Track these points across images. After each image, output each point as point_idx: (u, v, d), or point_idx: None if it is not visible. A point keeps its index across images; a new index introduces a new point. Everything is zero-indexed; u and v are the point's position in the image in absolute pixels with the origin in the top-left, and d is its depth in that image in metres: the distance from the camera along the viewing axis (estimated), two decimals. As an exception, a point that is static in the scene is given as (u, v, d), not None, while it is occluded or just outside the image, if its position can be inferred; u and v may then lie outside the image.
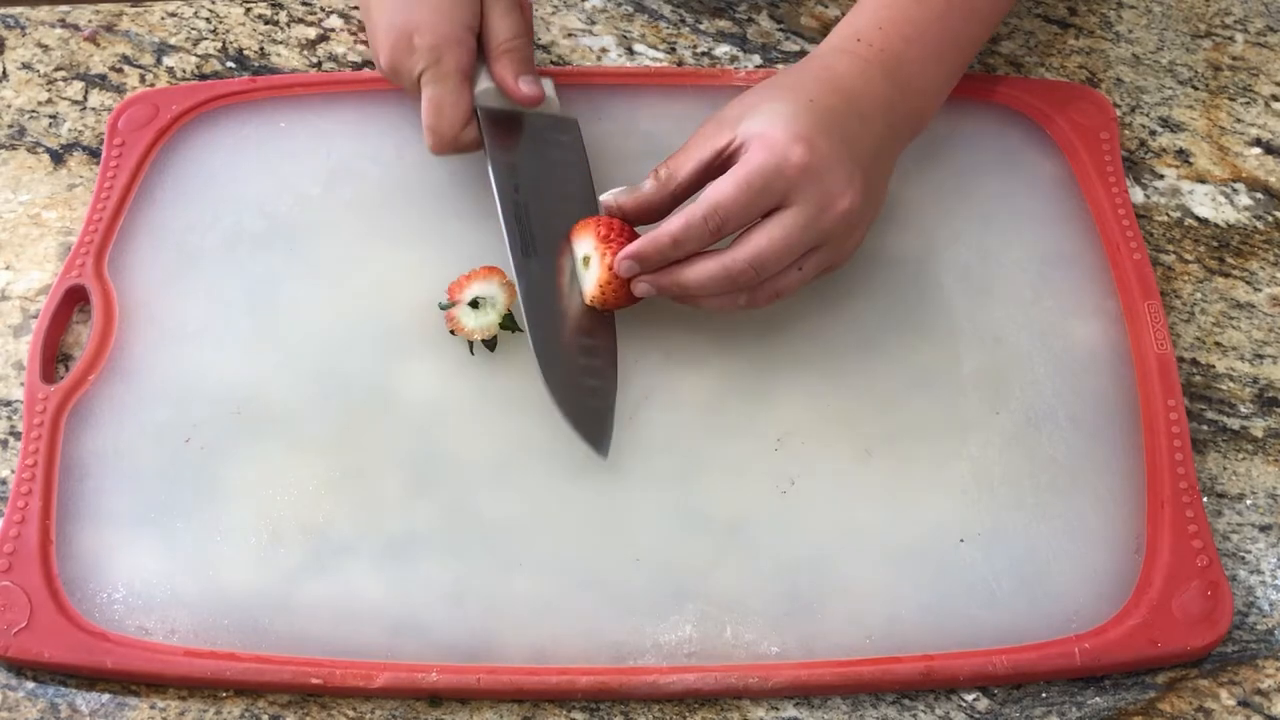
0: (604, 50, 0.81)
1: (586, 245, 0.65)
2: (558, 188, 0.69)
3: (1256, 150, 0.77)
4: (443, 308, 0.68)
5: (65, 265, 0.70)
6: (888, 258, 0.71)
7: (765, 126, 0.63)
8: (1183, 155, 0.77)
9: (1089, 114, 0.76)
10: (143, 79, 0.80)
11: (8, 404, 0.68)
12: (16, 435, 0.67)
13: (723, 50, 0.81)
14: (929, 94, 0.69)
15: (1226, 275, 0.72)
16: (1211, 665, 0.61)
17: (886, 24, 0.68)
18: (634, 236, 0.65)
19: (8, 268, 0.72)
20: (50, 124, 0.78)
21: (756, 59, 0.80)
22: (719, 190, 0.62)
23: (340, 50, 0.81)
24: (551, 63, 0.80)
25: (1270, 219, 0.74)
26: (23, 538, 0.62)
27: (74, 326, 0.70)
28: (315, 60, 0.80)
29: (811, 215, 0.62)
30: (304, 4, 0.83)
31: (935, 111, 0.71)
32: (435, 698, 0.60)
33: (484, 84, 0.70)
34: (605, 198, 0.66)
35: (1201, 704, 0.60)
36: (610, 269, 0.64)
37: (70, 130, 0.78)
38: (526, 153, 0.69)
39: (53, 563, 0.61)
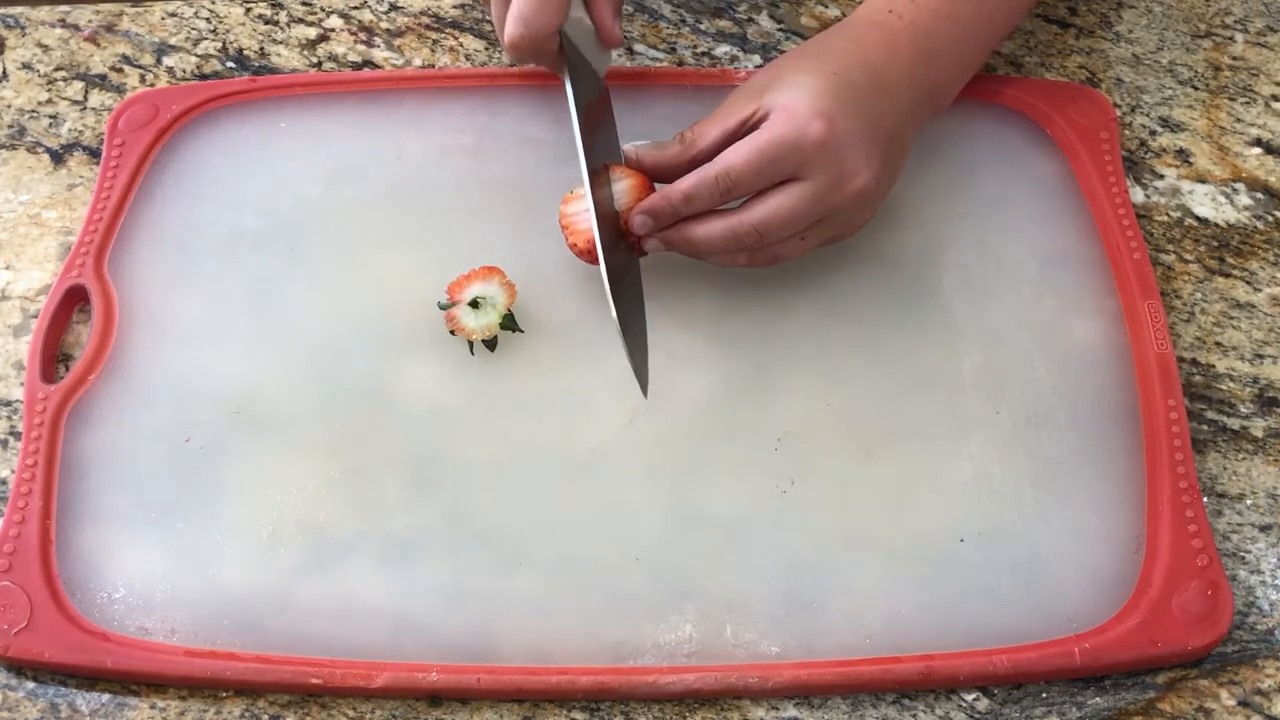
0: (604, 50, 0.81)
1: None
2: (604, 130, 0.69)
3: (1256, 150, 0.77)
4: (443, 308, 0.68)
5: (65, 265, 0.70)
6: (888, 258, 0.71)
7: (788, 99, 0.64)
8: (1183, 155, 0.77)
9: (1089, 114, 0.76)
10: (143, 79, 0.80)
11: (8, 404, 0.68)
12: (16, 435, 0.67)
13: (723, 50, 0.81)
14: (956, 70, 0.70)
15: (1226, 275, 0.72)
16: (1211, 665, 0.61)
17: None
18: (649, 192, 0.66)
19: (8, 268, 0.72)
20: (50, 124, 0.78)
21: (756, 59, 0.80)
22: (734, 153, 0.64)
23: (340, 50, 0.81)
24: (551, 63, 0.80)
25: (1270, 219, 0.74)
26: (23, 538, 0.62)
27: (74, 326, 0.70)
28: (315, 60, 0.80)
29: (823, 191, 0.64)
30: (304, 4, 0.83)
31: (960, 88, 0.71)
32: (435, 698, 0.60)
33: (572, 13, 0.68)
34: (628, 149, 0.67)
35: (1201, 704, 0.60)
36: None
37: (70, 130, 0.78)
38: (589, 88, 0.68)
39: (53, 563, 0.61)
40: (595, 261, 0.67)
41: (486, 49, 0.81)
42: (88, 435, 0.65)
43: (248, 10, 0.83)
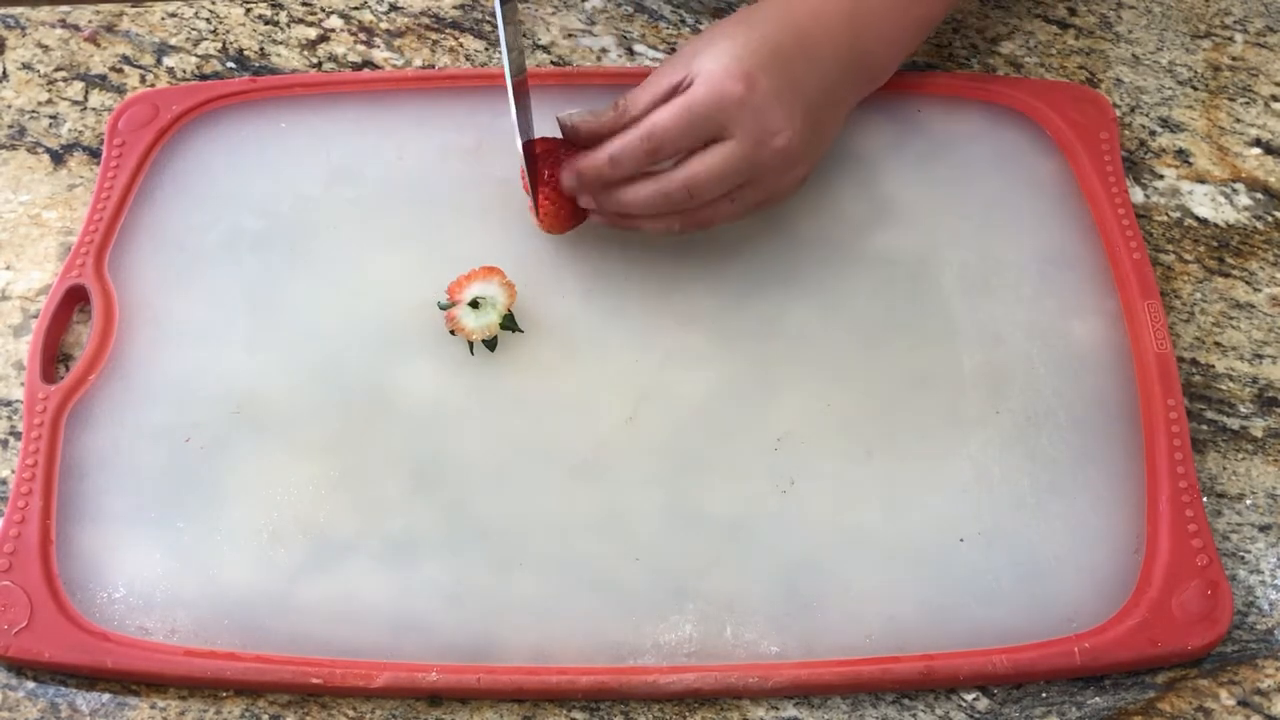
0: (604, 50, 0.81)
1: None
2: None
3: (1256, 150, 0.77)
4: (443, 308, 0.68)
5: (65, 265, 0.70)
6: (888, 258, 0.71)
7: (713, 62, 0.66)
8: (1182, 155, 0.77)
9: (1089, 114, 0.76)
10: (143, 79, 0.80)
11: (8, 404, 0.68)
12: (16, 435, 0.67)
13: (723, 50, 0.81)
14: (890, 42, 0.71)
15: (1226, 275, 0.72)
16: (1211, 665, 0.61)
17: None
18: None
19: (8, 268, 0.72)
20: (50, 124, 0.78)
21: (756, 59, 0.80)
22: (658, 115, 0.65)
23: (340, 50, 0.81)
24: (552, 63, 0.80)
25: (1270, 219, 0.74)
26: (23, 538, 0.62)
27: (74, 326, 0.70)
28: (315, 60, 0.81)
29: (748, 148, 0.65)
30: (304, 4, 0.83)
31: (898, 60, 0.73)
32: (435, 698, 0.60)
33: None
34: (562, 117, 0.68)
35: (1201, 704, 0.60)
36: (546, 199, 0.68)
37: (70, 130, 0.78)
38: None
39: (53, 563, 0.61)
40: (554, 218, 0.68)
41: (486, 49, 0.81)
42: (88, 435, 0.65)
43: (248, 10, 0.83)
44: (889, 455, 0.65)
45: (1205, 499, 0.65)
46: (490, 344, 0.68)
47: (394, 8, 0.83)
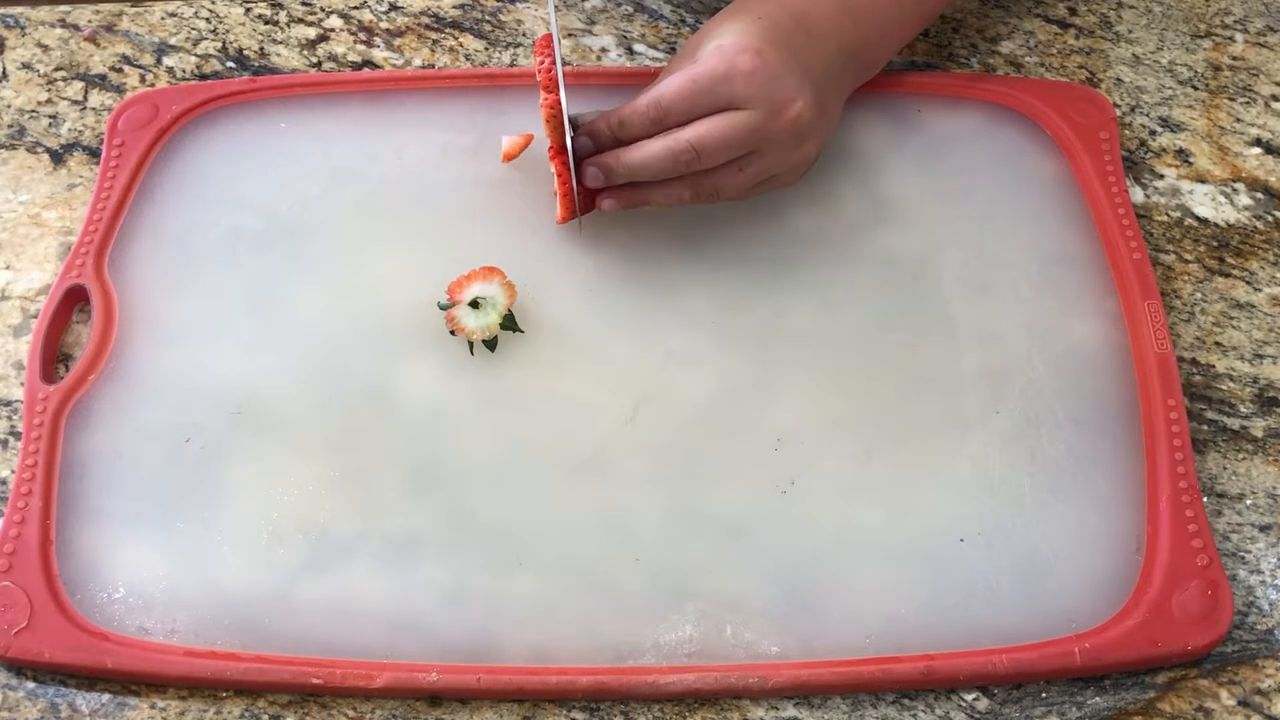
0: (604, 50, 0.81)
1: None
2: None
3: (1256, 150, 0.77)
4: (443, 308, 0.68)
5: (65, 265, 0.70)
6: (888, 258, 0.71)
7: (720, 39, 0.67)
8: (1183, 155, 0.77)
9: (1089, 114, 0.76)
10: (143, 79, 0.80)
11: (8, 404, 0.68)
12: (16, 435, 0.67)
13: (723, 50, 0.81)
14: (884, 27, 0.72)
15: (1226, 275, 0.72)
16: (1211, 665, 0.61)
17: None
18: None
19: (8, 268, 0.72)
20: (50, 124, 0.78)
21: (756, 59, 0.80)
22: (665, 85, 0.66)
23: (340, 50, 0.81)
24: (551, 63, 0.80)
25: (1270, 219, 0.74)
26: (23, 538, 0.62)
27: (74, 326, 0.70)
28: (315, 60, 0.80)
29: (761, 119, 0.66)
30: (304, 4, 0.83)
31: (893, 51, 0.74)
32: (435, 698, 0.60)
33: None
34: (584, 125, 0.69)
35: (1201, 704, 0.60)
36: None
37: (70, 130, 0.78)
38: None
39: (53, 563, 0.61)
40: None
41: (486, 49, 0.81)
42: (88, 435, 0.65)
43: (248, 10, 0.83)
44: (889, 455, 0.65)
45: (1205, 499, 0.65)
46: (490, 344, 0.68)
47: (394, 7, 0.83)
